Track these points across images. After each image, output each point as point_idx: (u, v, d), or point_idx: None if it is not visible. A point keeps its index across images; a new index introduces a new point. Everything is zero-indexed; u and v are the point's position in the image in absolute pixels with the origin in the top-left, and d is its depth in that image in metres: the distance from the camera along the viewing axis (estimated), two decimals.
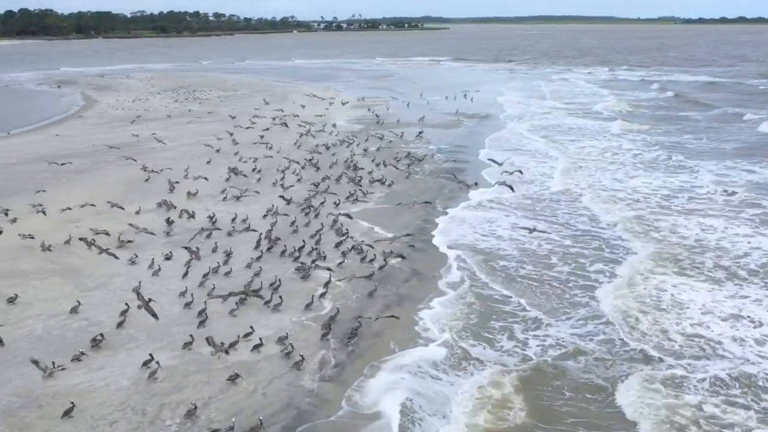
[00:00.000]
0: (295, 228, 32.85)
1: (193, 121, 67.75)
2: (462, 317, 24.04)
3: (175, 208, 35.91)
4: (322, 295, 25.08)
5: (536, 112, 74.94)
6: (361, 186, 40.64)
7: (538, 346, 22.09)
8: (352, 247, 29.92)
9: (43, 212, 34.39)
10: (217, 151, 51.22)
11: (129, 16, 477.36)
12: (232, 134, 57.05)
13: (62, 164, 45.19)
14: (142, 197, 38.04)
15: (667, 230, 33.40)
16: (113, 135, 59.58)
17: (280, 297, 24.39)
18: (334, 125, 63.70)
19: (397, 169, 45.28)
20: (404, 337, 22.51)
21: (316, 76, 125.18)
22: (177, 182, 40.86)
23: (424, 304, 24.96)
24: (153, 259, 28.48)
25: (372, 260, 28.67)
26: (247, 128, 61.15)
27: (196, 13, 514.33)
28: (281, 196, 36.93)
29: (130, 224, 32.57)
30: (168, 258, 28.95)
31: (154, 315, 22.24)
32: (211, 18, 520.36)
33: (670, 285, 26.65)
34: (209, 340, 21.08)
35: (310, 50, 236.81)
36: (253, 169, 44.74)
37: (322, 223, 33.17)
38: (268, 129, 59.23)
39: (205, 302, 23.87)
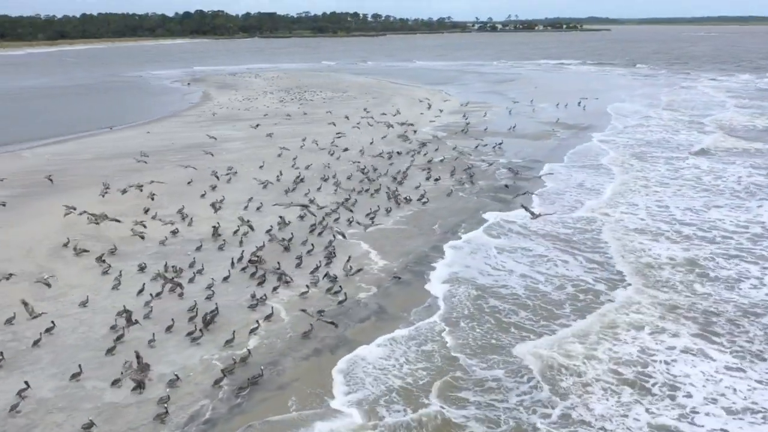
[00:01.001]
0: (288, 245, 30.19)
1: (281, 123, 67.57)
2: (395, 376, 20.31)
3: (186, 217, 34.67)
4: (253, 331, 22.36)
5: (641, 123, 67.03)
6: (398, 201, 37.69)
7: None
8: (326, 275, 26.87)
9: (72, 211, 34.76)
10: (279, 155, 49.99)
11: (295, 16, 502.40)
12: (304, 139, 55.76)
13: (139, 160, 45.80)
14: (171, 201, 37.47)
15: (724, 285, 26.81)
16: (197, 134, 60.94)
17: (201, 330, 21.97)
18: (414, 131, 61.09)
19: (442, 183, 42.39)
20: (311, 394, 19.31)
21: (437, 78, 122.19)
22: (215, 186, 39.72)
23: (357, 353, 21.40)
24: (121, 271, 27.26)
25: (337, 292, 25.49)
26: (334, 132, 59.57)
27: (356, 14, 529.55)
28: (281, 217, 34.26)
29: (132, 230, 31.74)
30: (142, 269, 27.71)
31: None
32: (369, 19, 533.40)
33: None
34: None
35: (446, 51, 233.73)
36: (297, 177, 42.68)
37: (312, 244, 30.60)
38: (339, 136, 57.20)
39: (124, 327, 22.10)
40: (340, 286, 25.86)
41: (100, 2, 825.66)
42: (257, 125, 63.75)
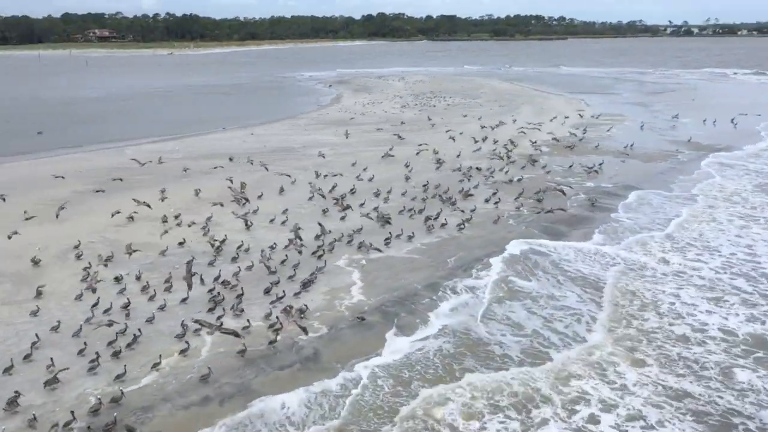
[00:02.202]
0: (272, 268, 27.95)
1: (385, 129, 65.54)
2: None
3: (208, 225, 34.01)
4: (155, 366, 20.37)
5: None
6: (430, 225, 34.25)
7: None
8: (285, 309, 24.28)
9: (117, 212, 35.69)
10: (353, 164, 48.20)
11: (477, 19, 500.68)
12: (391, 148, 53.64)
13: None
14: (207, 209, 36.88)
15: None
16: (295, 138, 61.21)
17: (98, 361, 20.40)
18: (515, 145, 56.26)
19: (501, 206, 38.09)
20: None
21: (586, 86, 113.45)
22: (261, 195, 38.61)
23: (252, 409, 18.62)
24: (99, 280, 26.68)
25: (277, 330, 22.81)
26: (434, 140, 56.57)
27: (539, 17, 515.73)
28: (293, 236, 31.78)
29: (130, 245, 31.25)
30: (118, 280, 27.05)
31: None
32: (553, 22, 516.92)
33: None
34: None
35: (615, 57, 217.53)
36: (350, 190, 40.85)
37: (294, 269, 27.80)
38: (422, 148, 53.96)
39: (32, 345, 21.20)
40: (281, 324, 22.86)
41: (302, 6, 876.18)
42: (346, 133, 61.89)
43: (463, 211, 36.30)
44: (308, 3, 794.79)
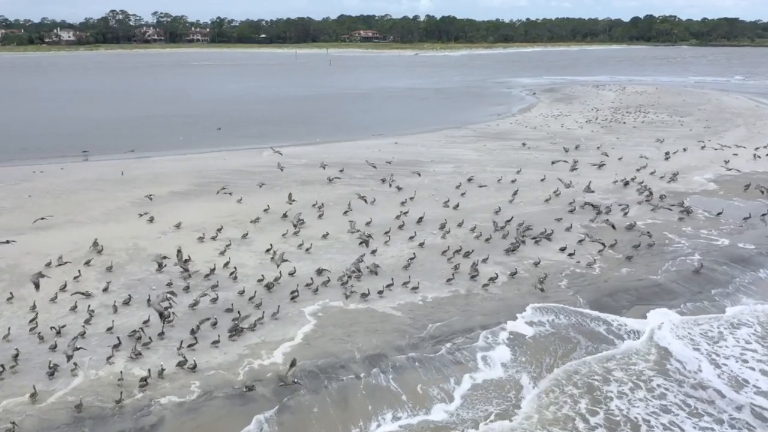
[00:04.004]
0: (231, 307, 25.27)
1: (538, 147, 59.02)
2: None
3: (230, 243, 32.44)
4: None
5: None
6: (453, 274, 28.67)
7: None
8: (180, 362, 21.48)
9: (151, 219, 36.35)
10: (457, 187, 43.52)
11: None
12: (519, 171, 47.99)
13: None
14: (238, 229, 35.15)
15: None
16: (430, 152, 57.61)
17: None
18: (675, 177, 46.38)
19: (576, 258, 30.72)
20: None
21: None
22: (302, 220, 36.21)
23: None
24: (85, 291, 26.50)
25: (144, 385, 20.08)
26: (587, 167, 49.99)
27: None
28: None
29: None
30: (88, 295, 26.31)
31: None
32: None
33: None
34: None
35: None
36: (418, 219, 36.51)
37: (238, 312, 24.70)
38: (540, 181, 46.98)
39: None
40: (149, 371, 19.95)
41: (575, 8, 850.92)
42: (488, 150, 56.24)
43: (536, 264, 30.11)
44: (582, 5, 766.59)
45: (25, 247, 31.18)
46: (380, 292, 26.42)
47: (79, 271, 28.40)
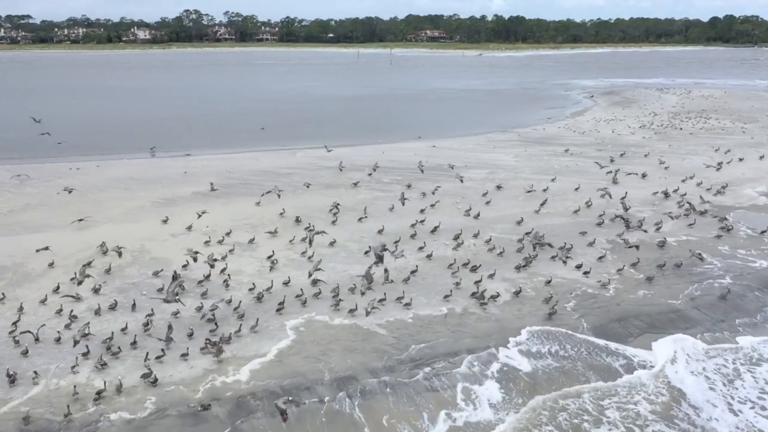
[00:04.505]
0: (213, 317, 24.47)
1: (582, 154, 56.41)
2: None
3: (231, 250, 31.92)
4: None
5: None
6: (451, 291, 26.94)
7: None
8: (144, 374, 20.84)
9: (165, 220, 36.17)
10: (484, 194, 41.84)
11: None
12: (554, 179, 45.84)
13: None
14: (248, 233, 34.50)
15: None
16: (467, 155, 55.91)
17: None
18: (722, 190, 43.37)
19: (595, 276, 28.63)
20: None
21: None
22: (312, 229, 35.08)
23: None
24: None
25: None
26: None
27: None
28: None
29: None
30: (42, 302, 26.03)
31: None
32: None
33: None
34: None
35: None
36: (433, 229, 34.99)
37: (239, 319, 23.91)
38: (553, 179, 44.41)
39: None
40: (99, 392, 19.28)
41: (655, 8, 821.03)
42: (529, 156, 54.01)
43: (548, 283, 28.12)
44: (661, 5, 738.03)
45: (36, 246, 31.21)
46: (371, 309, 24.93)
47: (75, 273, 28.06)
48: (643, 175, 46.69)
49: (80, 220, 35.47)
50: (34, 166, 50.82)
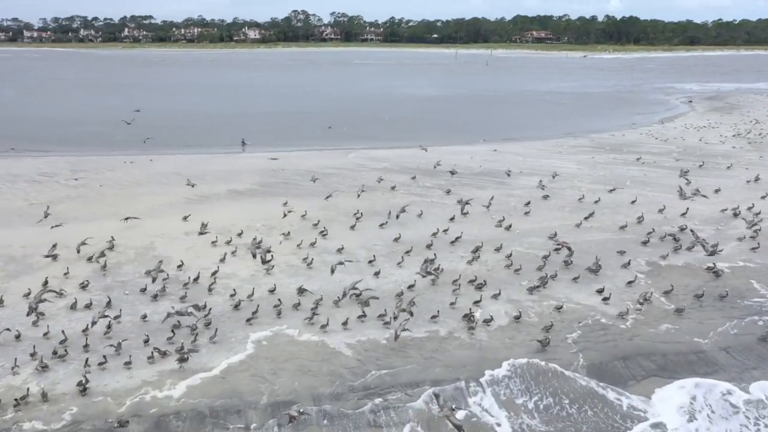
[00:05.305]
0: (178, 324, 23.35)
1: (655, 163, 51.78)
2: None
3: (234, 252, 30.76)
4: None
5: None
6: (437, 311, 24.33)
7: None
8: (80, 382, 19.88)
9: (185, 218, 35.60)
10: (526, 203, 39.08)
11: None
12: (612, 189, 42.77)
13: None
14: (262, 235, 33.25)
15: None
16: (527, 162, 52.84)
17: None
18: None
19: (614, 302, 25.14)
20: None
21: None
22: (323, 232, 33.55)
23: None
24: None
25: None
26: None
27: None
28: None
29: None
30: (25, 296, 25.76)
31: None
32: None
33: None
34: None
35: None
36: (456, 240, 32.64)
37: (192, 332, 22.67)
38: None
39: None
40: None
41: None
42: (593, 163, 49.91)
43: (557, 308, 25.04)
44: None
45: (52, 238, 31.31)
46: (344, 324, 22.81)
47: (67, 267, 27.66)
48: (717, 190, 41.59)
49: (128, 218, 35.04)
50: (91, 158, 52.12)
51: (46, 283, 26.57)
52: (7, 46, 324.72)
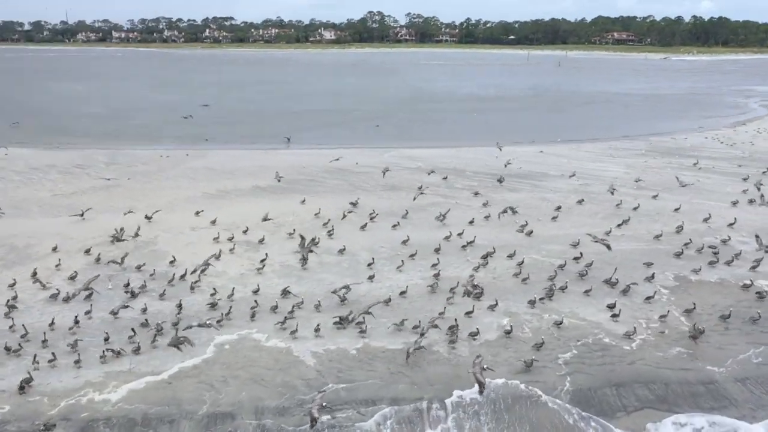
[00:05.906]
0: (158, 328, 22.35)
1: (713, 168, 47.96)
2: None
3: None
4: None
5: None
6: (423, 327, 22.05)
7: None
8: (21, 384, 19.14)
9: (197, 213, 34.84)
10: (557, 208, 36.67)
11: None
12: (656, 195, 39.54)
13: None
14: (268, 233, 32.10)
15: None
16: (572, 164, 49.42)
17: None
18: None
19: (626, 320, 22.50)
20: None
21: None
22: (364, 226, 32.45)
23: None
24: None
25: None
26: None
27: None
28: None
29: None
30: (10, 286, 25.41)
31: None
32: None
33: None
34: None
35: None
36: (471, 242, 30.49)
37: (134, 331, 21.68)
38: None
39: None
40: None
41: None
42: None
43: (556, 323, 22.73)
44: None
45: (56, 230, 31.27)
46: (316, 330, 21.17)
47: (59, 259, 27.25)
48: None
49: (151, 216, 34.47)
50: (129, 152, 52.56)
51: (34, 274, 26.10)
52: (96, 46, 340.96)
